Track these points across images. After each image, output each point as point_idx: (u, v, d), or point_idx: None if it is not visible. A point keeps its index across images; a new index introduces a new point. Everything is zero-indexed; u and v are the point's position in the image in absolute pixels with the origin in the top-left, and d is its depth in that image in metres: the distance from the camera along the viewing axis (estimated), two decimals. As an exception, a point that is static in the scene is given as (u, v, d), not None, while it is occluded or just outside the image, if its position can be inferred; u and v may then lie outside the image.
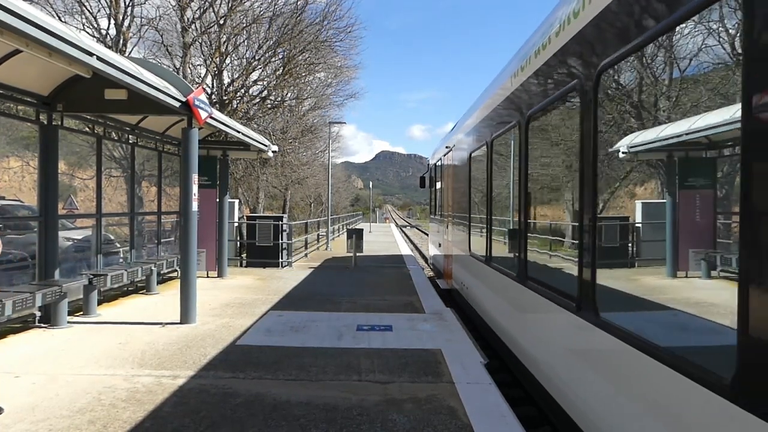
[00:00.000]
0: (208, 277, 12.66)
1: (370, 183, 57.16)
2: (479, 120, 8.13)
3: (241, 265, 15.78)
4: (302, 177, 34.65)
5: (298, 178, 33.94)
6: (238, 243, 17.53)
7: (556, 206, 5.11)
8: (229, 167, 14.25)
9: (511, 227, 6.11)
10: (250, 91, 24.66)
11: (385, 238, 31.05)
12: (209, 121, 8.45)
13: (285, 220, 16.31)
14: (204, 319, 8.12)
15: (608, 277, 3.61)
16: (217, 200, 12.64)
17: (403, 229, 57.96)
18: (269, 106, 25.59)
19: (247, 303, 9.56)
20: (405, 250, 22.20)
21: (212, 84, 23.11)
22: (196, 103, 7.79)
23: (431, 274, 16.21)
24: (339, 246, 23.14)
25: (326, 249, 22.01)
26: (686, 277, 3.03)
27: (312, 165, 35.99)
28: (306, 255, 19.04)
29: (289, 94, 27.40)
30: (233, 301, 9.70)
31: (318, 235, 24.28)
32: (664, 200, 3.25)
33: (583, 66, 3.88)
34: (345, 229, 29.56)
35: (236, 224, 17.49)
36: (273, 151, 13.33)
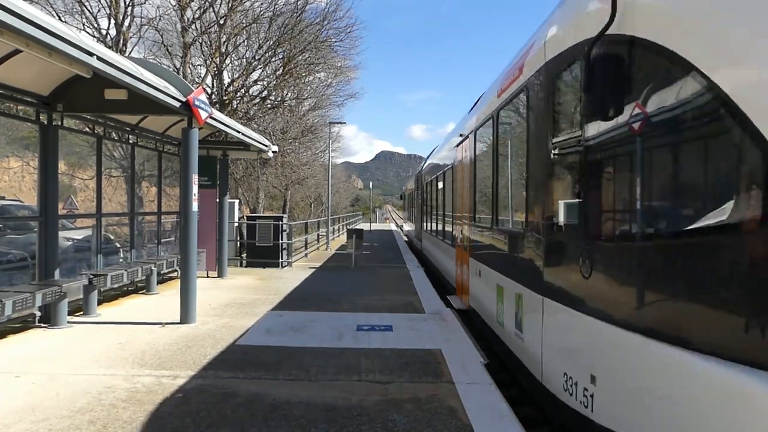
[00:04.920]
0: (208, 277, 12.66)
1: (370, 183, 57.08)
2: (412, 184, 24.45)
3: (241, 265, 15.78)
4: (302, 177, 34.62)
5: (298, 178, 33.91)
6: (238, 243, 17.53)
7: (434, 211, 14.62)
8: (229, 167, 14.26)
9: (420, 217, 18.75)
10: (250, 91, 24.68)
11: (385, 238, 31.04)
12: (209, 121, 8.46)
13: (285, 220, 16.32)
14: (204, 319, 8.12)
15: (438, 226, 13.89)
16: (217, 200, 12.65)
17: (403, 229, 57.91)
18: (269, 106, 25.58)
19: (247, 303, 9.56)
20: (405, 250, 22.19)
21: (212, 84, 23.10)
22: (196, 103, 7.79)
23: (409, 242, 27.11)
24: (339, 246, 23.15)
25: (326, 249, 22.01)
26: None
27: (312, 165, 35.96)
28: (306, 255, 19.04)
29: (289, 94, 27.41)
30: (233, 301, 9.70)
31: (318, 235, 24.27)
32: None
33: (420, 179, 19.55)
34: (345, 229, 29.55)
35: (236, 224, 17.49)
36: (273, 152, 13.34)
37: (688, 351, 2.67)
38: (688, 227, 2.84)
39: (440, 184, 13.07)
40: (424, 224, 17.26)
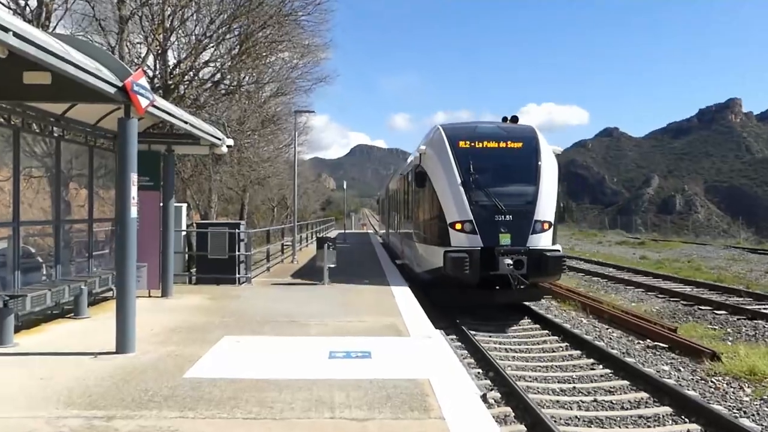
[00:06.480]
0: (149, 296, 12.52)
1: (344, 183, 56.64)
2: (382, 194, 43.84)
3: (190, 282, 15.62)
4: (263, 176, 34.54)
5: (258, 177, 33.82)
6: (187, 255, 17.36)
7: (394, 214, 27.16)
8: (175, 165, 14.16)
9: (387, 220, 33.03)
10: (201, 74, 24.57)
11: (363, 246, 31.05)
12: (150, 109, 8.37)
13: (242, 228, 16.21)
14: (145, 347, 8.02)
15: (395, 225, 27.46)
16: (161, 204, 12.52)
17: (379, 232, 58.13)
18: (223, 91, 25.51)
19: (198, 327, 9.48)
20: (385, 261, 22.23)
21: (154, 66, 22.94)
22: (135, 88, 7.71)
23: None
24: (307, 257, 23.08)
25: (292, 261, 21.92)
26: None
27: (275, 162, 35.86)
28: (268, 269, 18.94)
29: (246, 78, 27.35)
30: (181, 326, 9.61)
31: (282, 245, 24.14)
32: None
33: (388, 190, 32.97)
34: (315, 238, 29.48)
35: (184, 233, 17.33)
36: (228, 146, 13.25)
37: (422, 243, 15.88)
38: (425, 218, 15.84)
39: (395, 200, 25.65)
40: (389, 225, 31.00)
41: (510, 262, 13.38)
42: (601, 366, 10.52)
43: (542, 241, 14.14)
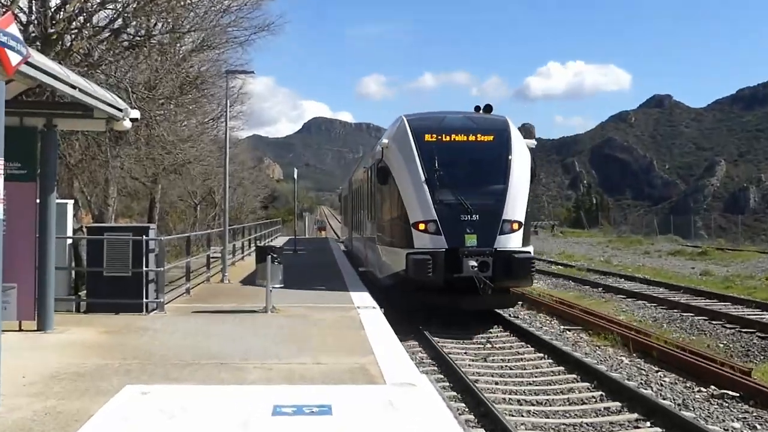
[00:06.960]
0: (21, 330, 12.41)
1: (295, 170, 55.80)
2: (345, 188, 51.46)
3: (78, 310, 15.48)
4: (181, 161, 34.27)
5: (174, 163, 33.54)
6: (74, 273, 17.22)
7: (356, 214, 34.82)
8: (58, 146, 14.01)
9: (351, 224, 39.72)
10: (94, 20, 24.32)
11: (320, 258, 31.07)
12: (23, 68, 8.31)
13: (153, 234, 16.14)
14: (14, 402, 7.94)
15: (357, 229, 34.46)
16: (38, 201, 12.41)
17: (340, 238, 58.28)
18: (126, 44, 25.30)
19: (89, 373, 9.43)
20: (350, 278, 22.28)
21: (29, 7, 22.69)
22: (2, 38, 7.65)
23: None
24: (244, 274, 23.05)
25: (222, 280, 21.89)
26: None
27: (198, 141, 35.63)
28: (188, 291, 18.82)
29: (159, 25, 27.14)
30: (65, 371, 9.54)
31: (209, 257, 24.06)
32: None
33: (351, 185, 40.82)
34: (254, 247, 29.44)
35: (70, 241, 17.18)
36: (132, 119, 13.20)
37: (384, 246, 20.73)
38: (388, 219, 20.86)
39: (358, 197, 30.92)
40: (352, 228, 36.54)
41: (474, 264, 16.70)
42: (648, 423, 10.67)
43: (511, 242, 17.68)
